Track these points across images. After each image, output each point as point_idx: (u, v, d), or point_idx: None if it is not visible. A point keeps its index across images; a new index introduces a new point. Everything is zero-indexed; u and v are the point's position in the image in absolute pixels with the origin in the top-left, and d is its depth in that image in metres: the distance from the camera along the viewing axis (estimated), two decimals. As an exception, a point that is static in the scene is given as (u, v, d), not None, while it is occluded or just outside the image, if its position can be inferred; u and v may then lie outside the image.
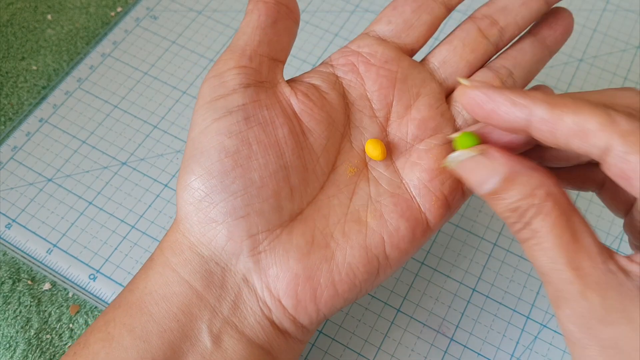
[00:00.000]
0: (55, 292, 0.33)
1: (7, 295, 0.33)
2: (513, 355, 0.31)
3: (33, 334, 0.32)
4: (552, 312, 0.32)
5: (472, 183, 0.22)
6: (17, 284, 0.33)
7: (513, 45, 0.29)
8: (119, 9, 0.43)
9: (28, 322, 0.32)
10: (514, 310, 0.32)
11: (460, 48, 0.28)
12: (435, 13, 0.28)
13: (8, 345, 0.32)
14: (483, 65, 0.28)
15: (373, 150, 0.26)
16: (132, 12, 0.43)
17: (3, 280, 0.33)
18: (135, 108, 0.39)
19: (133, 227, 0.35)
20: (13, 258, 0.34)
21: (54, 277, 0.34)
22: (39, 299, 0.33)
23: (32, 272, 0.34)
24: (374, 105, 0.27)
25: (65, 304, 0.33)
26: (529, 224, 0.21)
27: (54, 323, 0.32)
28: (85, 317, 0.33)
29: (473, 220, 0.35)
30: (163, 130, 0.38)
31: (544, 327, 0.32)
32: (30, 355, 0.31)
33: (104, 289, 0.33)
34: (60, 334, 0.32)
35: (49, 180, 0.36)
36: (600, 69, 0.41)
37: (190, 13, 0.43)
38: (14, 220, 0.35)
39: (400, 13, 0.28)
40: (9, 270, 0.34)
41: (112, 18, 0.43)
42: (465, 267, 0.34)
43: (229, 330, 0.24)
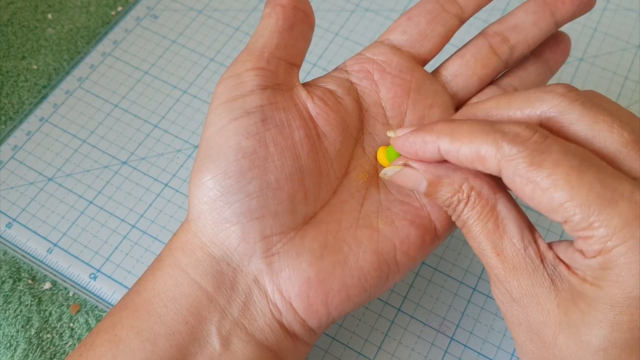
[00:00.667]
0: (56, 291, 0.33)
1: (7, 295, 0.33)
2: (513, 355, 0.31)
3: (34, 333, 0.32)
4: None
5: (409, 188, 0.25)
6: (17, 284, 0.33)
7: (519, 65, 0.30)
8: (120, 8, 0.43)
9: (29, 321, 0.32)
10: (515, 310, 0.32)
11: (473, 63, 0.28)
12: (449, 25, 0.28)
13: (9, 345, 0.32)
14: (492, 82, 0.29)
15: (384, 158, 0.26)
16: (132, 11, 0.43)
17: (4, 280, 0.33)
18: (136, 107, 0.39)
19: (134, 226, 0.35)
20: (13, 257, 0.34)
21: (55, 276, 0.34)
22: (40, 298, 0.33)
23: (32, 271, 0.34)
24: (388, 113, 0.27)
25: (66, 303, 0.33)
26: (460, 216, 0.24)
27: (55, 322, 0.32)
28: (86, 316, 0.33)
29: (473, 220, 0.35)
30: (163, 130, 0.38)
31: (545, 326, 0.32)
32: (31, 355, 0.31)
33: (105, 288, 0.33)
34: (61, 333, 0.32)
35: (50, 180, 0.36)
36: (601, 68, 0.41)
37: (191, 12, 0.43)
38: (15, 220, 0.35)
39: (416, 24, 0.28)
40: (10, 270, 0.34)
41: (112, 17, 0.43)
42: (466, 266, 0.34)
43: (238, 332, 0.24)
